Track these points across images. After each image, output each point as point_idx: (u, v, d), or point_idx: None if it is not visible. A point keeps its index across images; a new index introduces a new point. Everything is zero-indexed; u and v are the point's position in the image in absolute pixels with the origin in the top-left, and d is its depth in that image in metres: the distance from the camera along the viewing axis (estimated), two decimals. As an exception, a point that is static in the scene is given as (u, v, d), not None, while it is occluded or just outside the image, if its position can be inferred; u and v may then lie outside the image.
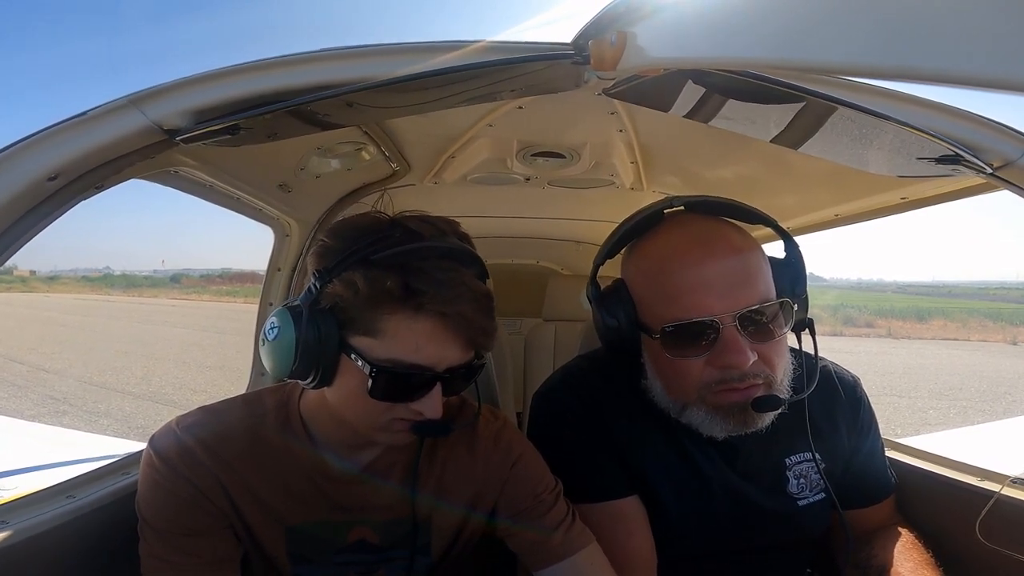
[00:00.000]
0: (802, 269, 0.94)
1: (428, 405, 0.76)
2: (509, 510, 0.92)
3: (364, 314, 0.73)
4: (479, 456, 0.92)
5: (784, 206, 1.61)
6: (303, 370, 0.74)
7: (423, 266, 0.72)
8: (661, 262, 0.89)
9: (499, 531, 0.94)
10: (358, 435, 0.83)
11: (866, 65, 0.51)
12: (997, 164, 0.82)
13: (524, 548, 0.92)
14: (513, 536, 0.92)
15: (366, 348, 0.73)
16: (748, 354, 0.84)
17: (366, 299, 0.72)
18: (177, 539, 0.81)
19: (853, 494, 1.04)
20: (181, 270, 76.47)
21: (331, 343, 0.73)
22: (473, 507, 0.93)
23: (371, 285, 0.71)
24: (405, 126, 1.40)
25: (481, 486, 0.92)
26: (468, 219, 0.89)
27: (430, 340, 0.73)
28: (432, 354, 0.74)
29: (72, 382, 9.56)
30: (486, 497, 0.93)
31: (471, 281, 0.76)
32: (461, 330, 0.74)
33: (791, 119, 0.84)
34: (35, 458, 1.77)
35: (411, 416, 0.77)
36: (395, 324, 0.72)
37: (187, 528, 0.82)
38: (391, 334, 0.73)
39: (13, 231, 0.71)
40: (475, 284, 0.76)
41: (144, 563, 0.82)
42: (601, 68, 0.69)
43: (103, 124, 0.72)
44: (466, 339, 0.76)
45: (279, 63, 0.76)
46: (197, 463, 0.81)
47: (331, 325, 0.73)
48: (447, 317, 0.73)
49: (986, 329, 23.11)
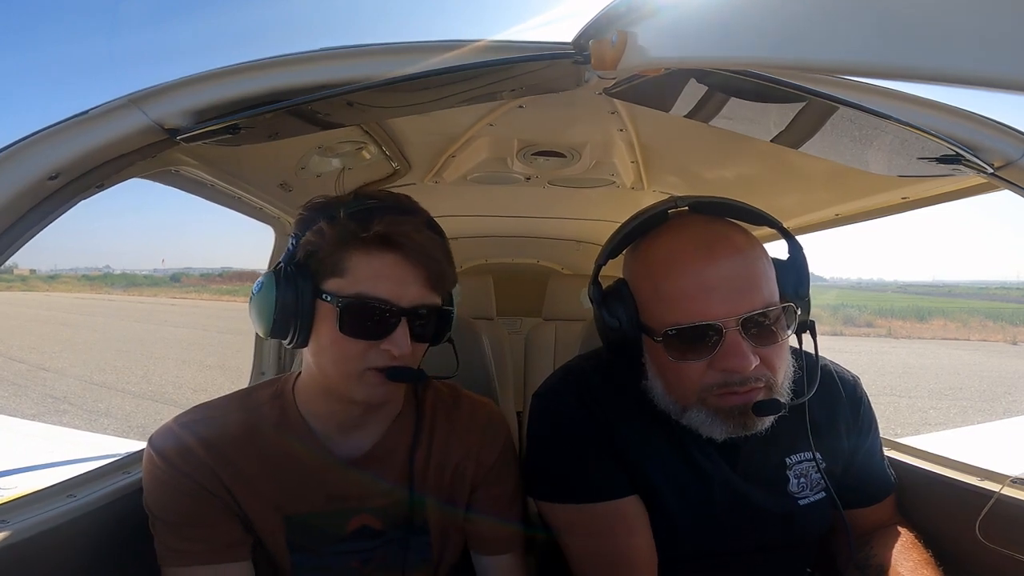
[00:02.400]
0: (805, 271, 0.94)
1: (396, 342, 0.82)
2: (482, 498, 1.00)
3: (331, 257, 0.82)
4: (471, 442, 1.00)
5: (785, 206, 1.61)
6: (283, 321, 0.83)
7: (381, 215, 0.83)
8: (664, 264, 0.89)
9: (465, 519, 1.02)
10: (344, 401, 0.88)
11: (867, 64, 0.50)
12: (998, 164, 0.82)
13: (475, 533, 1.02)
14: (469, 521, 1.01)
15: (336, 288, 0.82)
16: (750, 358, 0.84)
17: (331, 242, 0.82)
18: (187, 529, 0.85)
19: (853, 494, 1.04)
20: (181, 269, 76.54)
21: (305, 291, 0.82)
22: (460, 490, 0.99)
23: (335, 229, 0.82)
24: (406, 125, 1.40)
25: (468, 470, 0.99)
26: (469, 218, 0.90)
27: (389, 273, 0.82)
28: (393, 287, 0.82)
29: (72, 381, 9.56)
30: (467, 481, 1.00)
31: (420, 226, 0.86)
32: (419, 264, 0.83)
33: (792, 119, 0.84)
34: (35, 457, 1.77)
35: (382, 360, 0.83)
36: (357, 260, 0.82)
37: (193, 519, 0.85)
38: (354, 270, 0.82)
39: (14, 230, 0.72)
40: (425, 229, 0.86)
41: (160, 556, 0.86)
42: (602, 68, 0.69)
43: (104, 123, 0.73)
44: (426, 276, 0.84)
45: (279, 63, 0.76)
46: (194, 458, 0.85)
47: (306, 275, 0.83)
48: (403, 249, 0.82)
49: (986, 329, 23.11)
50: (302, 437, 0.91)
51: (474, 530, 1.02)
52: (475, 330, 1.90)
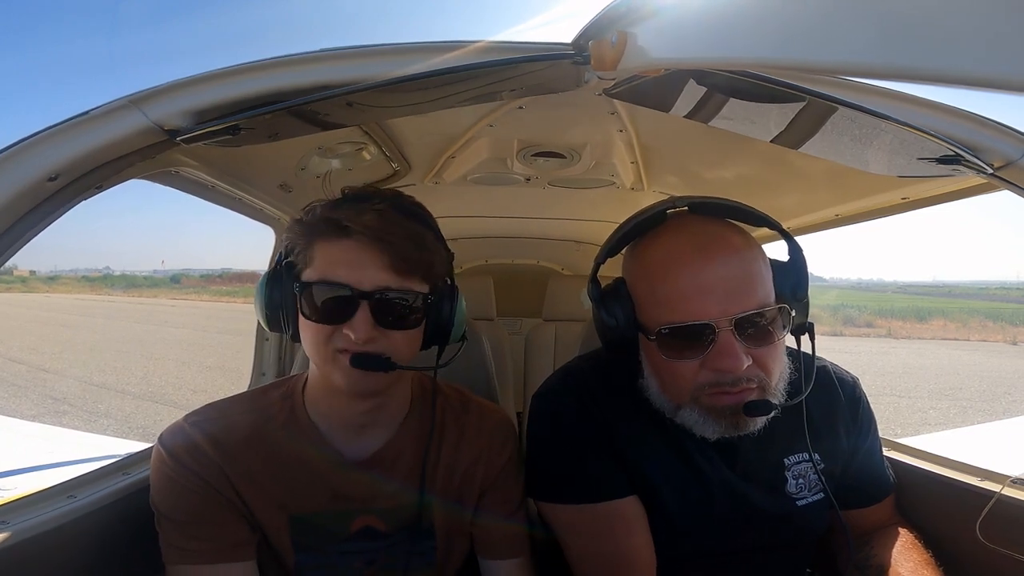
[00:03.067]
0: (804, 272, 0.94)
1: (354, 326, 0.82)
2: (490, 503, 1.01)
3: (305, 251, 0.86)
4: (480, 447, 1.00)
5: (784, 206, 1.61)
6: (273, 314, 0.87)
7: (349, 205, 0.85)
8: (661, 264, 0.89)
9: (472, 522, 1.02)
10: (338, 395, 0.89)
11: (866, 65, 0.50)
12: (998, 164, 0.82)
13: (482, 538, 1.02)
14: (476, 526, 1.02)
15: (305, 278, 0.85)
16: (742, 359, 0.84)
17: (302, 235, 0.86)
18: (192, 527, 0.86)
19: (852, 494, 1.04)
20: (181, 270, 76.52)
21: (287, 285, 0.86)
22: (468, 494, 0.99)
23: (306, 224, 0.86)
24: (405, 126, 1.40)
25: (477, 475, 0.99)
26: (468, 219, 0.90)
27: (346, 258, 0.83)
28: (350, 272, 0.83)
29: (72, 382, 9.55)
30: (476, 485, 1.00)
31: (386, 211, 0.85)
32: (379, 249, 0.83)
33: (792, 119, 0.84)
34: (35, 458, 1.77)
35: (346, 344, 0.83)
36: (320, 249, 0.85)
37: (200, 517, 0.86)
38: (318, 259, 0.85)
39: (14, 231, 0.72)
40: (391, 213, 0.86)
41: (165, 554, 0.87)
42: (601, 68, 0.69)
43: (103, 124, 0.73)
44: (388, 260, 0.83)
45: (279, 63, 0.76)
46: (202, 456, 0.86)
47: (290, 271, 0.87)
48: (359, 235, 0.82)
49: (986, 329, 23.10)
50: (310, 437, 0.91)
51: (482, 534, 1.02)
52: (475, 331, 1.90)
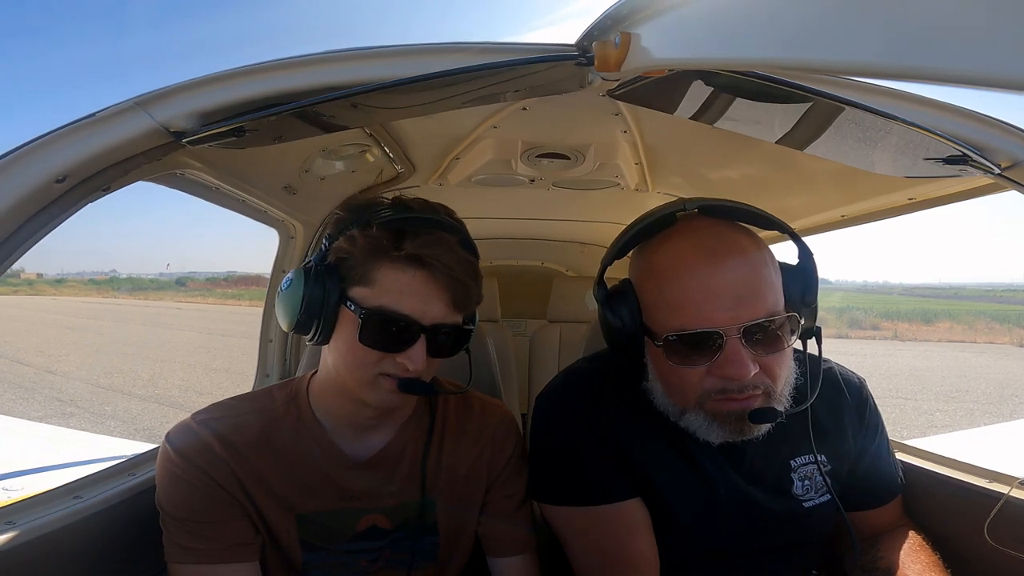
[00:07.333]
0: (814, 277, 0.93)
1: (411, 357, 0.82)
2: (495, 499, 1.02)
3: (361, 266, 0.83)
4: (483, 444, 1.01)
5: (790, 207, 1.60)
6: (307, 319, 0.84)
7: (414, 228, 0.83)
8: (669, 269, 0.88)
9: None
10: (357, 403, 0.88)
11: (873, 65, 0.50)
12: (1005, 164, 0.82)
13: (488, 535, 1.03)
14: (482, 523, 1.02)
15: (361, 298, 0.83)
16: (749, 367, 0.83)
17: (363, 251, 0.82)
18: (196, 527, 0.86)
19: (860, 495, 1.04)
20: (186, 273, 76.89)
21: (332, 293, 0.83)
22: (473, 492, 1.00)
23: (367, 239, 0.82)
24: (409, 127, 1.40)
25: (482, 472, 1.00)
26: (473, 220, 0.90)
27: (415, 290, 0.82)
28: (417, 305, 0.82)
29: (79, 384, 9.60)
30: (481, 483, 1.01)
31: (455, 246, 0.85)
32: (445, 286, 0.82)
33: (797, 120, 0.84)
34: (42, 459, 1.78)
35: (396, 371, 0.84)
36: (385, 273, 0.82)
37: (205, 516, 0.86)
38: (381, 283, 0.82)
39: (21, 233, 0.72)
40: (459, 249, 0.85)
41: (168, 553, 0.87)
42: (605, 69, 0.69)
43: (110, 126, 0.73)
44: (451, 297, 0.83)
45: (284, 65, 0.76)
46: (211, 454, 0.87)
47: (334, 278, 0.84)
48: (432, 269, 0.81)
49: (993, 331, 22.93)
50: (316, 437, 0.92)
51: (488, 532, 1.02)
52: (479, 332, 1.90)
